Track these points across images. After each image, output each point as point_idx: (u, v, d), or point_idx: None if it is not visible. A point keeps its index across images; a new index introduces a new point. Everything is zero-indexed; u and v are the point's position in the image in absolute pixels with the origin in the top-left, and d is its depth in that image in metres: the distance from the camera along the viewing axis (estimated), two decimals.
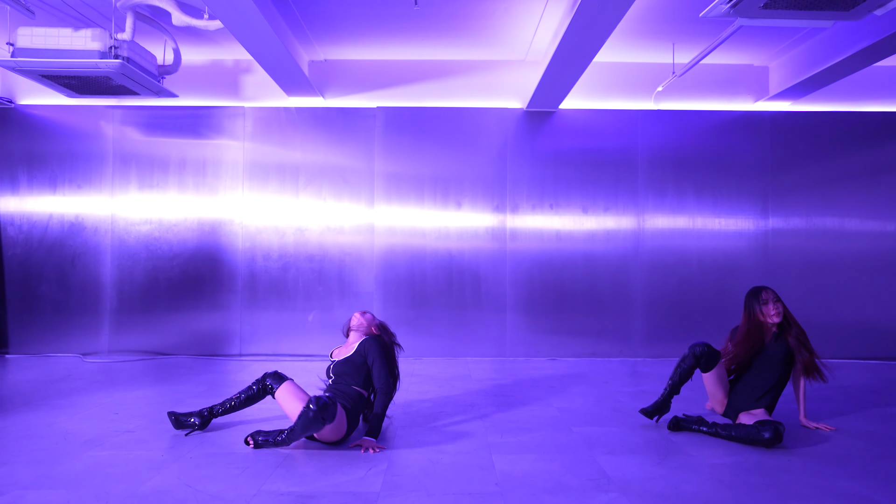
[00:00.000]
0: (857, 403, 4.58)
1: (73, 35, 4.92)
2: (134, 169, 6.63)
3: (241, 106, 6.66)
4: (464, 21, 5.63)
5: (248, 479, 2.90)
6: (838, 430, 3.82)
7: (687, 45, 6.07)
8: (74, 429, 3.75)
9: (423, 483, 2.87)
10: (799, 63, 6.08)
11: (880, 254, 6.60)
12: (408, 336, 6.51)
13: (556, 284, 6.62)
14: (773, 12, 3.88)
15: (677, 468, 3.10)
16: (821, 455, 3.31)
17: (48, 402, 4.43)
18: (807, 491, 2.79)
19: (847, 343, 6.56)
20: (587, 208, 6.66)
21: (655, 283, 6.63)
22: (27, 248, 6.60)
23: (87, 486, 2.80)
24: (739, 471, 3.06)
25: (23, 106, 6.63)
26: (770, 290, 3.80)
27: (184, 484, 2.84)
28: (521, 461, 3.19)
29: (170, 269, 6.60)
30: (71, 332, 6.56)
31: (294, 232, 6.62)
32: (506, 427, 3.86)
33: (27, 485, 2.81)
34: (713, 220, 6.66)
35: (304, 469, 3.06)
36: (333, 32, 5.90)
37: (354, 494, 2.72)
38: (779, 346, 3.78)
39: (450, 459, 3.21)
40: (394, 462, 3.17)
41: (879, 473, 3.03)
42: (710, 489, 2.82)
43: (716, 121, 6.69)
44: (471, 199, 6.64)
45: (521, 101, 6.67)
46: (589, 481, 2.91)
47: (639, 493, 2.77)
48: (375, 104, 6.68)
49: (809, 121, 6.67)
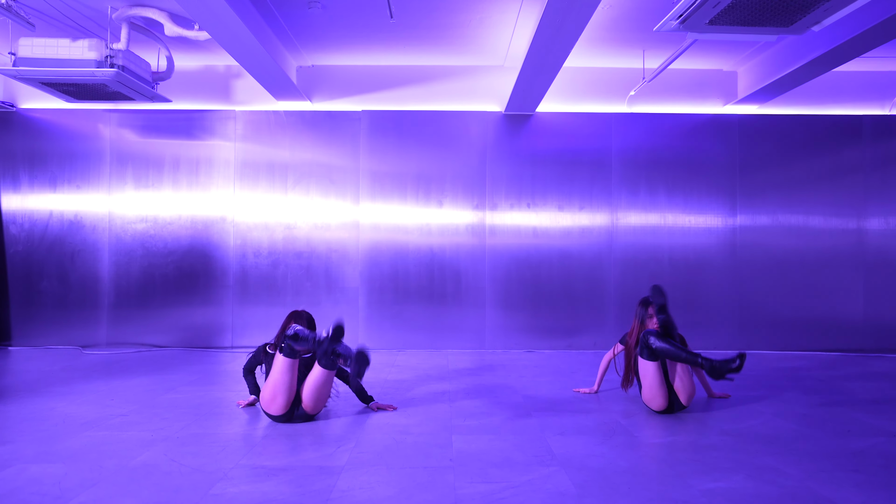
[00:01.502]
0: (803, 391, 4.89)
1: (71, 45, 5.23)
2: (130, 169, 6.95)
3: (233, 109, 6.97)
4: (443, 29, 5.93)
5: (227, 456, 3.22)
6: (777, 414, 4.14)
7: (656, 52, 6.37)
8: (73, 412, 4.08)
9: (385, 459, 3.20)
10: (764, 68, 6.38)
11: (842, 251, 6.91)
12: (391, 329, 6.85)
13: (533, 279, 6.94)
14: (719, 27, 4.18)
15: (617, 447, 3.42)
16: (751, 436, 3.63)
17: (49, 390, 4.77)
18: (727, 465, 3.11)
19: (809, 335, 6.88)
20: (563, 206, 6.97)
21: (628, 278, 6.94)
22: (29, 245, 6.93)
23: (82, 460, 3.13)
24: (674, 449, 3.38)
25: (24, 109, 6.94)
26: (651, 304, 4.33)
27: (169, 459, 3.16)
28: (477, 441, 3.52)
29: (165, 265, 6.93)
30: (71, 326, 6.90)
31: (283, 229, 6.94)
32: (470, 412, 4.18)
33: (29, 460, 3.13)
34: (683, 218, 6.97)
35: (279, 447, 3.39)
36: (319, 40, 6.21)
37: (321, 468, 3.05)
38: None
39: (413, 440, 3.54)
40: (361, 441, 3.50)
41: (799, 451, 3.34)
42: (642, 464, 3.14)
43: (686, 123, 6.99)
44: (452, 198, 6.95)
45: (499, 104, 6.97)
46: (534, 457, 3.23)
47: (578, 467, 3.09)
48: (361, 108, 6.98)
49: (776, 123, 6.97)
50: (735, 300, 6.93)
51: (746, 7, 3.92)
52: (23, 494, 2.68)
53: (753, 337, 6.91)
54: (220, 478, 2.90)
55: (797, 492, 2.76)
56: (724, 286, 6.93)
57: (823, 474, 2.99)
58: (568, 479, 2.91)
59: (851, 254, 6.90)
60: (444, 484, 2.85)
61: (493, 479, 2.92)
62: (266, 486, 2.81)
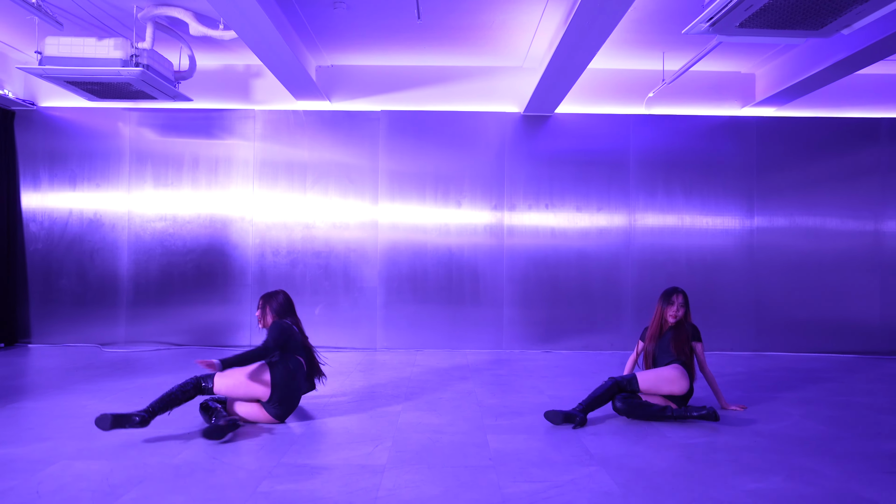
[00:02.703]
0: (825, 392, 4.92)
1: (97, 44, 5.26)
2: (149, 168, 6.97)
3: (252, 109, 6.99)
4: (466, 30, 5.95)
5: (267, 454, 3.24)
6: (805, 415, 4.16)
7: (677, 54, 6.39)
8: (104, 410, 4.08)
9: (425, 458, 3.22)
10: (784, 71, 6.40)
11: (858, 253, 6.94)
12: (408, 329, 6.87)
13: (550, 280, 6.96)
14: (749, 30, 4.20)
15: (652, 447, 3.45)
16: (782, 437, 3.65)
17: (76, 388, 4.79)
18: (764, 466, 3.13)
19: (825, 337, 6.91)
20: (581, 207, 7.00)
21: (645, 279, 6.97)
22: (48, 243, 6.94)
23: (124, 458, 3.15)
24: (709, 450, 3.40)
25: (44, 108, 6.96)
26: (681, 293, 4.18)
27: (210, 457, 3.18)
28: (513, 440, 3.54)
29: (183, 263, 6.95)
30: (90, 323, 6.92)
31: (302, 228, 6.96)
32: (500, 411, 4.21)
33: (71, 456, 3.15)
34: (701, 219, 6.99)
35: (317, 446, 3.41)
36: (340, 40, 6.22)
37: (363, 467, 3.07)
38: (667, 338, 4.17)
39: (448, 439, 3.56)
40: (397, 440, 3.52)
41: (833, 452, 3.37)
42: (679, 464, 3.16)
43: (704, 125, 7.01)
44: (470, 198, 6.97)
45: (518, 105, 6.99)
46: (572, 457, 3.25)
47: (616, 467, 3.11)
48: (380, 108, 7.00)
49: (793, 125, 7.00)
50: (752, 301, 6.95)
51: (778, 10, 3.94)
52: (72, 491, 2.70)
53: (769, 338, 6.93)
54: (264, 476, 2.92)
55: (839, 493, 2.78)
56: (740, 287, 6.96)
57: (862, 476, 3.01)
58: (610, 479, 2.93)
59: (868, 256, 6.93)
60: (488, 483, 2.87)
61: (536, 478, 2.94)
62: (312, 484, 2.83)
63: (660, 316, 4.20)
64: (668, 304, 4.17)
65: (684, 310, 4.16)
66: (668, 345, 4.11)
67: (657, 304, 4.24)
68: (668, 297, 4.19)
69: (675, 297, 4.16)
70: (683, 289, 4.27)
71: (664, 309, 4.18)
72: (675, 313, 4.14)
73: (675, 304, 4.15)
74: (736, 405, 4.34)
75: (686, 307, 4.17)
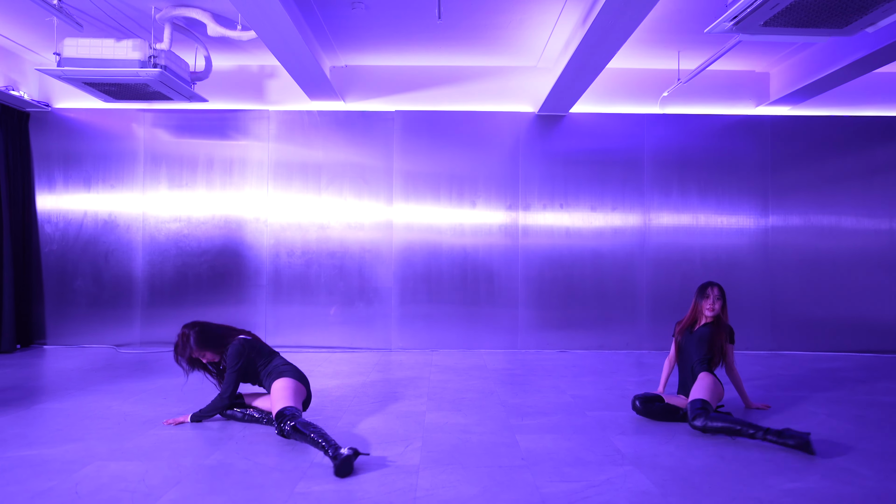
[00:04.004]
0: (847, 392, 4.91)
1: (115, 45, 5.25)
2: (164, 168, 6.97)
3: (266, 109, 6.99)
4: (483, 30, 5.95)
5: (299, 454, 3.24)
6: (831, 415, 4.16)
7: (692, 53, 6.39)
8: (130, 411, 4.10)
9: (457, 458, 3.21)
10: (799, 70, 6.39)
11: (874, 252, 6.93)
12: (424, 329, 6.87)
13: (565, 279, 6.96)
14: (773, 29, 4.20)
15: (683, 446, 3.44)
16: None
17: (98, 389, 4.78)
18: (798, 465, 3.12)
19: (841, 336, 6.90)
20: (595, 207, 6.99)
21: (660, 278, 6.96)
22: (63, 244, 6.94)
23: (158, 458, 3.15)
24: (741, 448, 3.40)
25: (59, 109, 6.96)
26: (716, 286, 4.13)
27: (243, 458, 3.18)
28: (542, 440, 3.53)
29: (198, 264, 6.94)
30: (105, 325, 6.91)
31: (316, 229, 6.95)
32: (525, 411, 4.20)
33: (105, 457, 3.15)
34: (715, 219, 6.99)
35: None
36: (356, 40, 6.22)
37: (398, 466, 3.06)
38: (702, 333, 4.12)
39: (477, 439, 3.56)
40: (426, 441, 3.51)
41: (866, 451, 3.36)
42: (713, 464, 3.16)
43: (719, 124, 7.01)
44: (485, 198, 6.97)
45: (532, 105, 6.99)
46: (605, 456, 3.25)
47: (650, 466, 3.11)
48: (394, 108, 7.00)
49: (808, 124, 6.99)
50: (767, 300, 6.95)
51: (803, 8, 3.93)
52: (111, 491, 2.70)
53: (785, 337, 6.93)
54: (300, 476, 2.92)
55: (878, 493, 2.78)
56: (756, 286, 6.95)
57: None
58: (645, 478, 2.92)
59: (883, 255, 6.92)
60: (524, 483, 2.86)
61: (571, 478, 2.93)
62: (349, 484, 2.82)
63: (695, 310, 4.17)
64: (704, 297, 4.12)
65: (721, 302, 4.11)
66: (702, 341, 4.07)
67: (693, 299, 4.21)
68: (703, 290, 4.15)
69: (710, 289, 4.11)
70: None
71: (700, 303, 4.14)
72: (712, 306, 4.09)
73: (711, 296, 4.09)
74: (760, 404, 4.34)
75: (723, 300, 4.13)
